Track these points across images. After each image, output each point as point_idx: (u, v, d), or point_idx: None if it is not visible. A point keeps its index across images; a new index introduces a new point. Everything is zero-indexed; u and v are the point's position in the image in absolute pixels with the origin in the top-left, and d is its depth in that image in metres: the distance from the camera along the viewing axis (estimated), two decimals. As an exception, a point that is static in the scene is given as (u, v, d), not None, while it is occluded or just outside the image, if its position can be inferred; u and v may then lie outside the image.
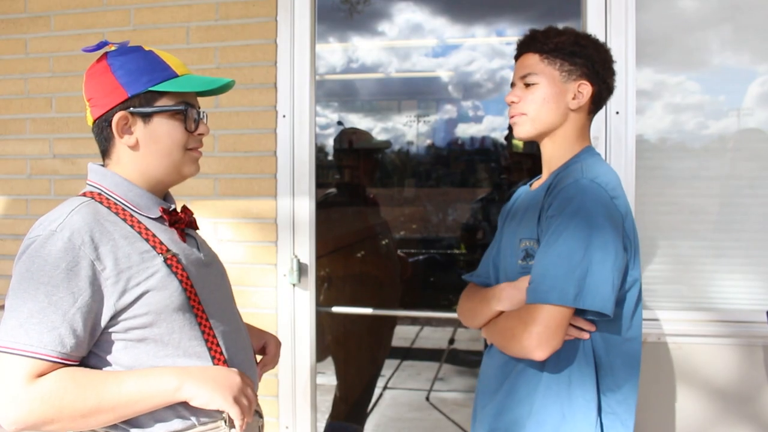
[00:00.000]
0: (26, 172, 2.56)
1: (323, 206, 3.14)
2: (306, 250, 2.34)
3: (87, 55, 2.53)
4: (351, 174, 3.39)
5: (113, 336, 1.15)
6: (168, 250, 1.21)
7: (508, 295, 1.43)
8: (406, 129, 5.70)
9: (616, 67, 1.54)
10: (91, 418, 1.09)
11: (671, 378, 2.16)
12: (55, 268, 1.09)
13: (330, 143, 5.09)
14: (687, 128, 2.30)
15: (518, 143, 5.05)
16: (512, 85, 1.54)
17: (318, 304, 2.42)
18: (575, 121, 1.49)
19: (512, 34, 5.27)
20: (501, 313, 1.45)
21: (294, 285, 2.34)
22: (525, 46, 1.52)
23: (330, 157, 5.00)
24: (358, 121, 5.69)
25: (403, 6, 5.21)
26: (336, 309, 2.80)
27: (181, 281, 1.20)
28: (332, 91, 5.47)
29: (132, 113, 1.22)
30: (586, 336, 1.38)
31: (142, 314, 1.15)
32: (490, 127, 5.71)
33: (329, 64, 5.20)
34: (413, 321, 5.46)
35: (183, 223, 1.30)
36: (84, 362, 1.15)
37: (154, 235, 1.22)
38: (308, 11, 2.32)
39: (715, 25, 2.25)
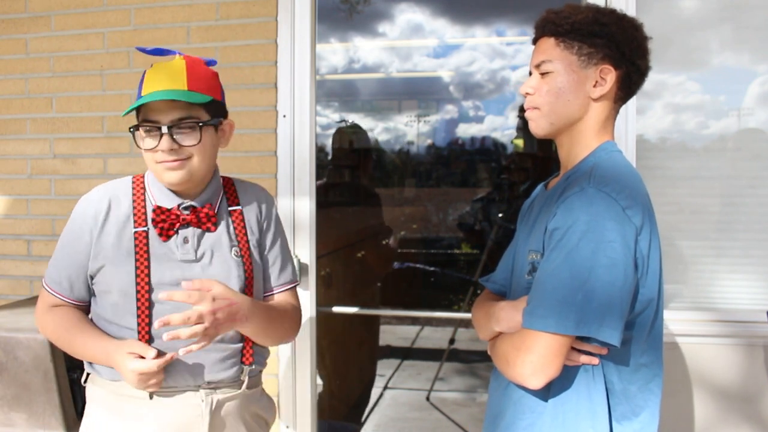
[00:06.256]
0: (27, 172, 2.57)
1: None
2: (306, 250, 2.34)
3: (87, 55, 2.54)
4: (334, 170, 3.48)
5: (93, 290, 1.49)
6: (140, 229, 1.44)
7: (506, 316, 1.29)
8: (406, 129, 5.71)
9: None
10: (65, 348, 1.49)
11: (671, 378, 2.16)
12: (71, 224, 1.49)
13: (331, 143, 5.11)
14: (687, 128, 2.30)
15: (518, 142, 5.05)
16: (530, 74, 1.36)
17: (319, 304, 2.42)
18: (598, 112, 1.31)
19: (512, 34, 5.27)
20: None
21: (294, 285, 2.34)
22: (540, 29, 1.33)
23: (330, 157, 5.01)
24: (358, 120, 5.69)
25: (404, 6, 5.22)
26: (336, 309, 2.80)
27: (137, 266, 1.40)
28: (333, 91, 5.47)
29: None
30: (596, 361, 1.23)
31: (102, 282, 1.44)
32: (490, 127, 5.71)
33: (330, 64, 5.21)
34: (413, 321, 5.46)
35: (168, 222, 1.43)
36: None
37: (144, 219, 1.45)
38: (308, 11, 2.32)
39: (715, 25, 2.25)
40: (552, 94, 1.29)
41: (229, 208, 1.52)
